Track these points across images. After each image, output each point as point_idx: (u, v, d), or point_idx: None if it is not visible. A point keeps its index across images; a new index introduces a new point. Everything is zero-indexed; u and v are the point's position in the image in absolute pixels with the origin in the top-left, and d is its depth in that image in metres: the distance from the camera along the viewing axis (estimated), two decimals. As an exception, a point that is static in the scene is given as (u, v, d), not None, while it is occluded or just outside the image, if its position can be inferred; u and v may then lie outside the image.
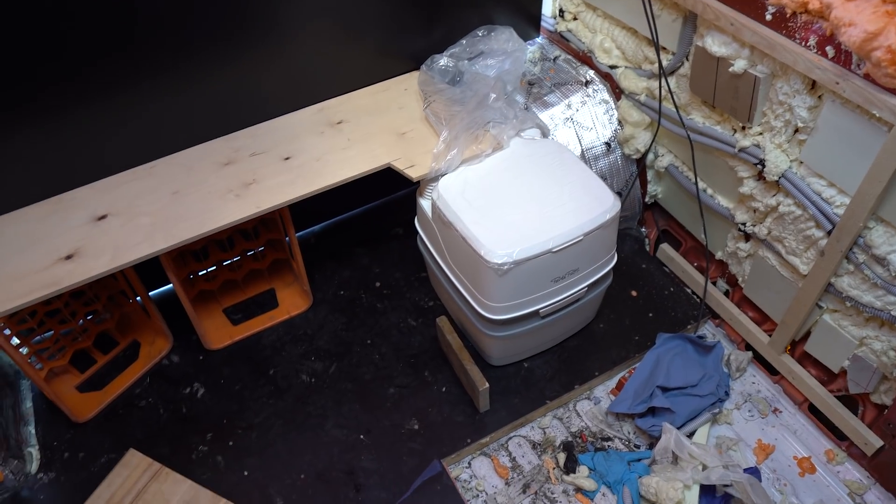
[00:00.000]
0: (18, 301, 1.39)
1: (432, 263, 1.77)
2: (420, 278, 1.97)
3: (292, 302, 1.91)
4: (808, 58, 1.35)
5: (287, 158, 1.66)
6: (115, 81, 1.52)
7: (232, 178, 1.62)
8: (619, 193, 1.88)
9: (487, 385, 1.60)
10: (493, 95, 1.71)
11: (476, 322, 1.62)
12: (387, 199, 2.21)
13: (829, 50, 1.33)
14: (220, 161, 1.67)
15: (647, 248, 2.06)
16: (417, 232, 1.80)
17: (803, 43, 1.37)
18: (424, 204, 1.68)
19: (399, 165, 1.64)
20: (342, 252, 2.04)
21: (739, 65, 1.50)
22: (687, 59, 1.70)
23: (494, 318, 1.56)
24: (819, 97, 1.42)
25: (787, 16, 1.38)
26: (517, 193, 1.57)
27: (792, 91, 1.45)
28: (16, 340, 1.64)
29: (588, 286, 1.64)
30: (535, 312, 1.59)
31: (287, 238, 1.78)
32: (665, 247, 2.01)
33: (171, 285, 1.89)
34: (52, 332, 1.74)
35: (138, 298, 1.84)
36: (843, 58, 1.31)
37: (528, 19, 2.06)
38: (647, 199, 2.04)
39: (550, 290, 1.57)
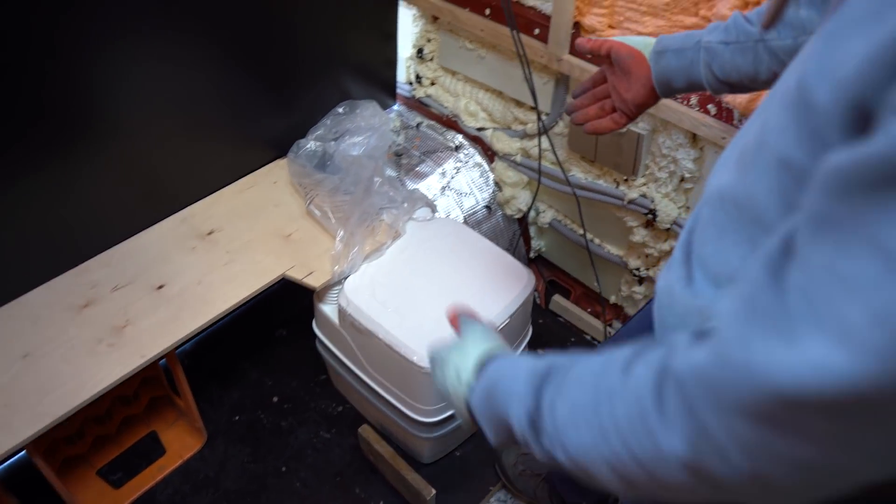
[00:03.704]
0: None
1: (341, 369, 1.61)
2: (320, 382, 1.80)
3: (182, 443, 1.64)
4: (693, 116, 1.40)
5: (160, 287, 1.43)
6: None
7: (97, 324, 1.35)
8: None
9: (434, 491, 1.48)
10: (378, 179, 1.61)
11: (408, 427, 1.50)
12: (258, 298, 2.00)
13: (711, 108, 1.39)
14: (76, 303, 1.39)
15: (538, 301, 2.05)
16: (317, 336, 1.63)
17: (685, 103, 1.42)
18: (327, 310, 1.53)
19: (295, 275, 1.47)
20: (224, 369, 1.81)
21: (622, 124, 1.53)
22: (561, 119, 1.71)
23: (431, 420, 1.45)
24: (701, 149, 1.49)
25: (667, 77, 1.43)
26: (431, 285, 1.47)
27: (675, 145, 1.51)
28: None
29: (512, 363, 1.58)
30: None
31: (162, 362, 1.53)
32: (557, 298, 2.02)
33: (19, 454, 1.57)
34: None
35: (-18, 483, 1.49)
36: (725, 115, 1.38)
37: (383, 88, 1.97)
38: (531, 255, 2.04)
39: (482, 378, 1.49)
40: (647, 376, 0.46)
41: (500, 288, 1.47)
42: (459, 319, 0.80)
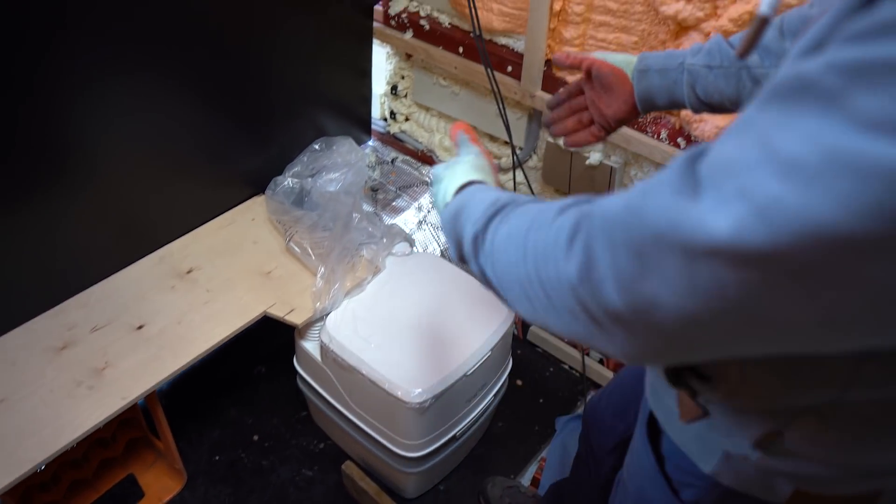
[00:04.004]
0: None
1: (323, 406, 1.61)
2: (301, 419, 1.78)
3: (161, 485, 1.62)
4: (663, 149, 1.45)
5: (140, 327, 1.42)
6: None
7: (76, 366, 1.34)
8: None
9: (419, 528, 1.48)
10: (357, 215, 1.62)
11: (392, 462, 1.50)
12: (236, 336, 1.98)
13: (681, 141, 1.44)
14: (54, 345, 1.37)
15: (516, 333, 2.07)
16: (297, 373, 1.63)
17: (656, 136, 1.47)
18: (309, 346, 1.53)
19: (277, 312, 1.47)
20: (203, 408, 1.79)
21: (595, 157, 1.58)
22: (535, 153, 1.75)
23: (415, 455, 1.45)
24: (672, 180, 1.54)
25: (637, 113, 1.48)
26: (412, 319, 1.49)
27: (644, 175, 1.55)
28: None
29: (494, 394, 1.60)
30: (453, 437, 1.51)
31: (140, 402, 1.51)
32: (535, 328, 2.04)
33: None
34: None
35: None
36: (695, 147, 1.43)
37: (358, 124, 2.00)
38: (508, 285, 2.06)
39: (465, 410, 1.50)
40: (572, 217, 0.52)
41: (481, 322, 1.49)
42: (458, 138, 0.88)
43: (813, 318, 0.40)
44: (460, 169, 0.80)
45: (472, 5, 1.53)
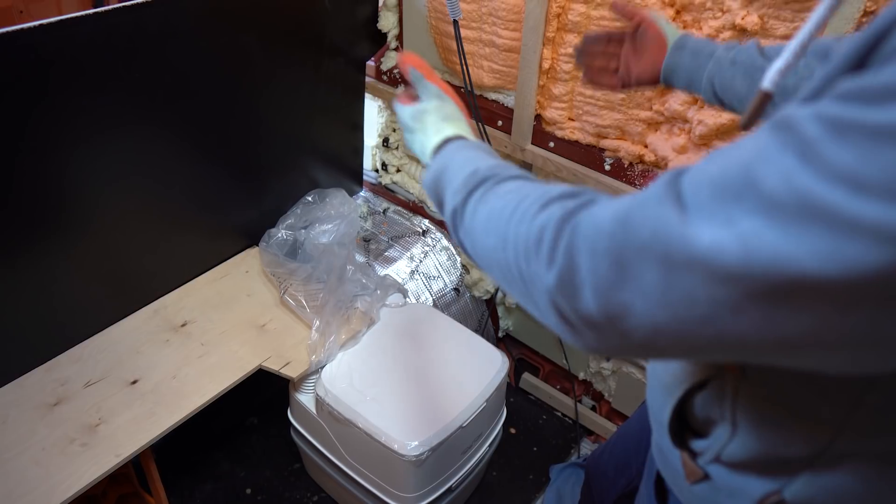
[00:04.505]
0: None
1: (317, 458, 1.60)
2: (294, 471, 1.77)
3: (152, 542, 1.59)
4: (651, 201, 1.49)
5: (134, 382, 1.41)
6: None
7: (69, 423, 1.32)
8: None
9: (415, 583, 1.46)
10: (351, 268, 1.64)
11: (388, 516, 1.49)
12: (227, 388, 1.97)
13: (669, 192, 1.47)
14: (46, 401, 1.36)
15: (509, 380, 2.08)
16: (292, 425, 1.62)
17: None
18: (303, 399, 1.53)
19: (272, 366, 1.47)
20: (195, 461, 1.77)
21: (585, 209, 1.61)
22: (525, 204, 1.78)
23: (411, 508, 1.44)
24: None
25: (625, 166, 1.52)
26: (407, 371, 1.49)
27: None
28: None
29: (489, 444, 1.60)
30: (449, 489, 1.50)
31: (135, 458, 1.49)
32: (527, 376, 2.05)
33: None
34: None
35: None
36: (682, 198, 1.46)
37: (350, 176, 2.03)
38: (499, 334, 2.08)
39: (461, 461, 1.50)
40: (556, 215, 0.53)
41: (476, 372, 1.50)
42: (411, 76, 0.87)
43: (769, 341, 0.43)
44: (430, 121, 0.79)
45: (463, 63, 1.58)
